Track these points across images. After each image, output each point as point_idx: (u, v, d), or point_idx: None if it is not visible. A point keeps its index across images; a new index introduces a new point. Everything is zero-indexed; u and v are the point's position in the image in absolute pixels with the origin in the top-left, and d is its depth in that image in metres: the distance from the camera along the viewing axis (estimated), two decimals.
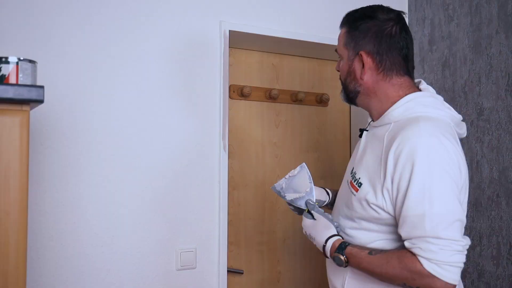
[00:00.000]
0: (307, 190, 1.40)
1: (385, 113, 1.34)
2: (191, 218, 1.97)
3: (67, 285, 1.74)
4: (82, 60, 1.81)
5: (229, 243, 2.21)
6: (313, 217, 1.41)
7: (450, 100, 2.25)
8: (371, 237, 1.33)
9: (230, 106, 2.26)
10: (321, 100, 2.48)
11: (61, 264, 1.74)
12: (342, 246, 1.32)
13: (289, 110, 2.43)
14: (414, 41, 2.47)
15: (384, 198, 1.26)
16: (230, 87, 2.26)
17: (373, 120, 1.43)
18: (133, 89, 1.89)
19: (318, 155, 2.49)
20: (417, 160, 1.19)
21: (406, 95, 1.33)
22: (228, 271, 2.10)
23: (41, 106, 1.69)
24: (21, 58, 1.12)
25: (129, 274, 1.85)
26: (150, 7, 1.93)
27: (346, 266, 1.33)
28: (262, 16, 2.15)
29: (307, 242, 2.42)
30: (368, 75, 1.36)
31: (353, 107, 2.55)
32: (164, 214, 1.92)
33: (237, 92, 2.29)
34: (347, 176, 1.44)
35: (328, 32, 2.29)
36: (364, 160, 1.35)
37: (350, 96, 1.43)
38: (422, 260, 1.18)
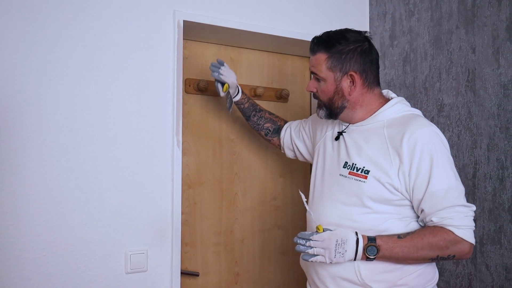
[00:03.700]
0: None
1: (376, 113, 1.57)
2: (142, 218, 1.86)
3: None
4: (19, 49, 1.67)
5: (184, 244, 2.11)
6: None
7: (411, 96, 2.21)
8: (380, 218, 1.49)
9: (186, 101, 2.16)
10: (281, 96, 2.41)
11: None
12: (371, 238, 1.45)
13: None
14: (375, 36, 2.43)
15: (399, 180, 1.46)
16: (185, 81, 2.16)
17: (348, 123, 1.63)
18: (78, 81, 1.76)
19: (278, 152, 2.41)
20: (433, 145, 1.45)
21: (385, 100, 1.60)
22: (182, 273, 2.00)
23: None
24: None
25: (73, 278, 1.73)
26: None
27: (374, 258, 1.44)
28: (219, 6, 2.06)
29: (266, 242, 2.36)
30: (356, 91, 1.57)
31: (313, 103, 2.51)
32: (113, 214, 1.81)
33: (193, 87, 2.19)
34: (337, 170, 1.59)
35: (289, 25, 2.22)
36: (364, 152, 1.53)
37: (335, 112, 1.60)
38: (452, 229, 1.40)
